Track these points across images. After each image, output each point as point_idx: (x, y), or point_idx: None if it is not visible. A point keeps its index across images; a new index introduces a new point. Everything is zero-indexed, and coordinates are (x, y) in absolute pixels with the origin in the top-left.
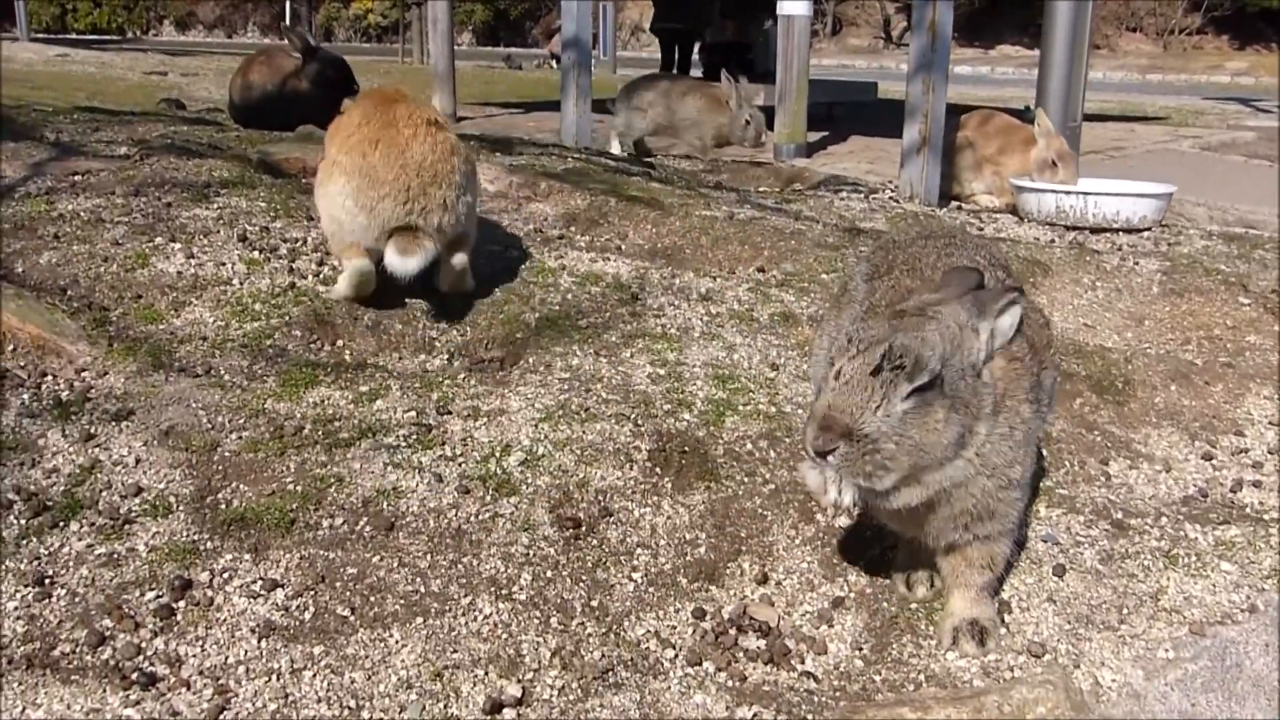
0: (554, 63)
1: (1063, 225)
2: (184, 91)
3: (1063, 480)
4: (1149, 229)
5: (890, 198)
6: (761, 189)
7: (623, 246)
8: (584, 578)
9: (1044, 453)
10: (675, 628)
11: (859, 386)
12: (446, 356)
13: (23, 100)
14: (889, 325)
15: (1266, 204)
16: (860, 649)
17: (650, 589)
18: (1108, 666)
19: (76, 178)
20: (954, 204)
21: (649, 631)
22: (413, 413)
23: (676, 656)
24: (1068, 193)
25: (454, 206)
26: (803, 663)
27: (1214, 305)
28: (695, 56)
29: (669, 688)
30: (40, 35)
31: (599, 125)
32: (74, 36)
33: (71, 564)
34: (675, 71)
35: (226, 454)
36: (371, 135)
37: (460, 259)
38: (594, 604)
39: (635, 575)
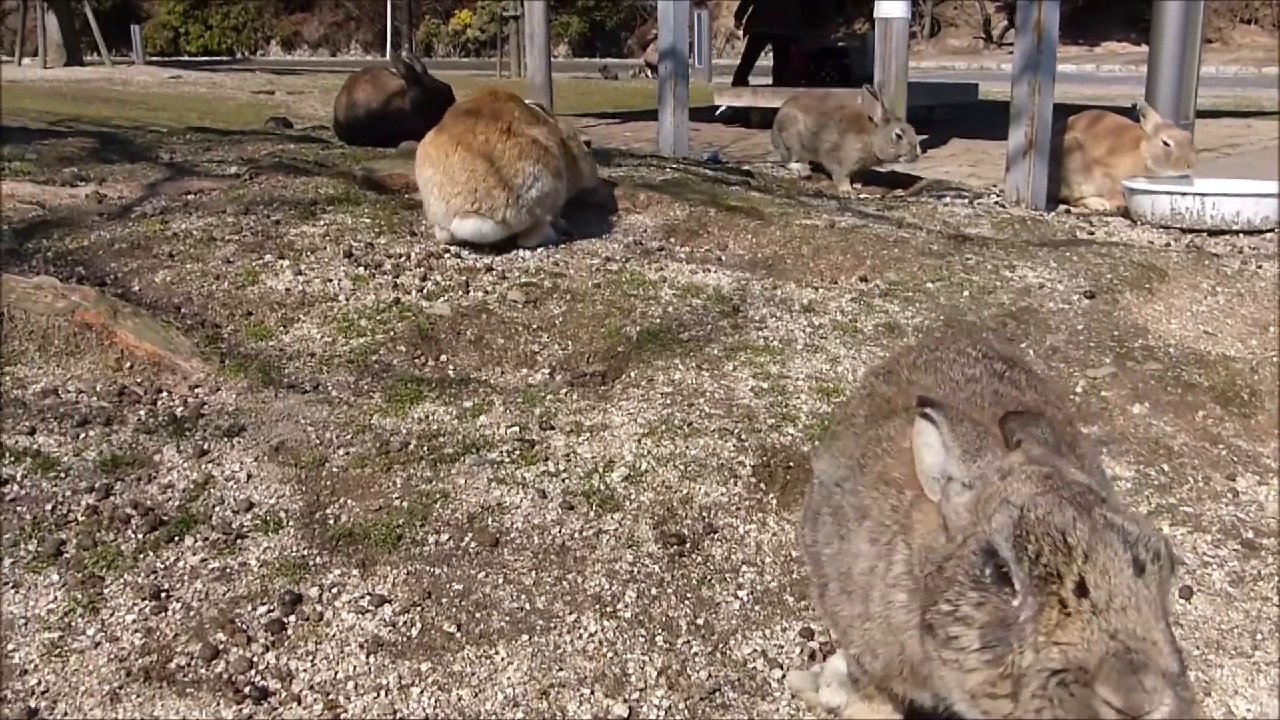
0: (650, 72)
1: (1178, 228)
2: (290, 109)
3: (1187, 497)
4: (1271, 230)
5: (996, 202)
6: (862, 195)
7: (723, 257)
8: (689, 595)
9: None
10: (783, 647)
11: (1138, 598)
12: (548, 371)
13: (140, 121)
14: (1073, 507)
15: None
16: None
17: (756, 607)
18: (1241, 695)
19: (189, 197)
20: (1063, 207)
21: (756, 650)
22: (516, 428)
23: (784, 677)
24: (1183, 194)
25: (516, 204)
26: None
27: None
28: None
29: (777, 709)
30: (155, 59)
31: (695, 134)
32: (186, 59)
33: (186, 578)
34: (773, 80)
35: (334, 470)
36: (455, 136)
37: (530, 242)
38: (699, 622)
39: (741, 593)
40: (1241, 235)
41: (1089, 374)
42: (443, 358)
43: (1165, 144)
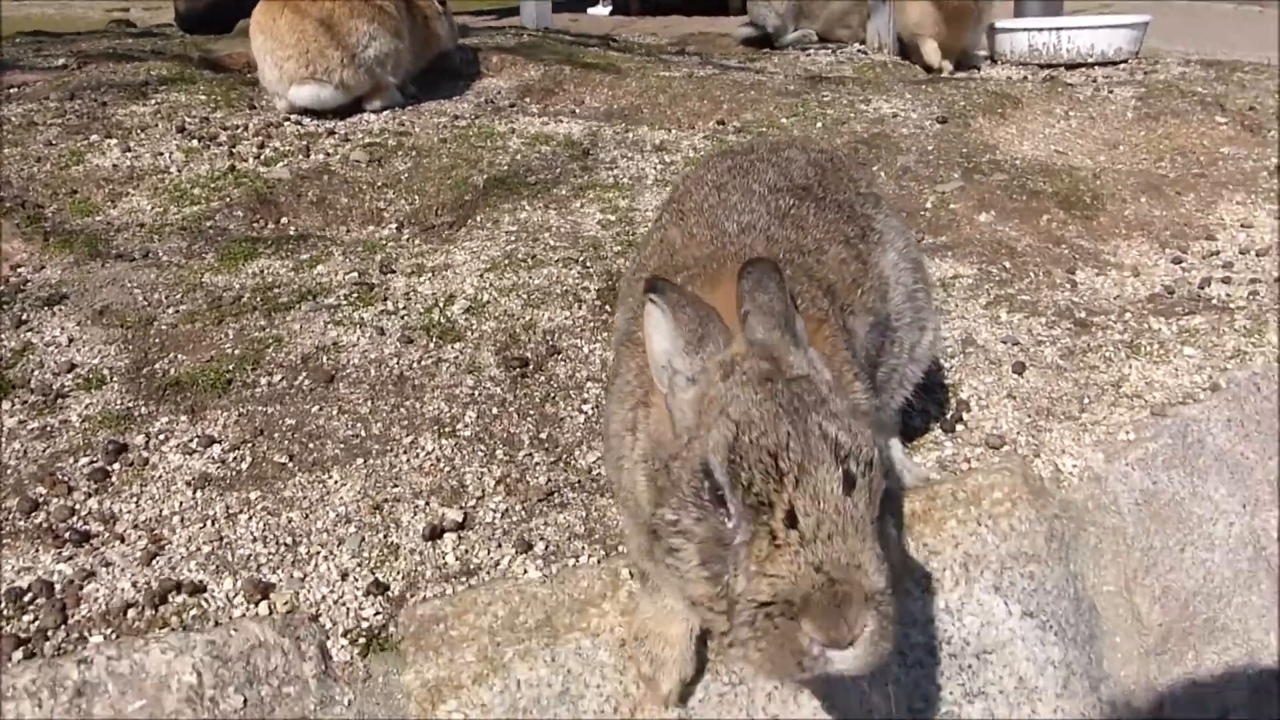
0: None
1: (1036, 64)
2: (145, 24)
3: (1025, 288)
4: (1125, 60)
5: (859, 50)
6: (724, 54)
7: (577, 110)
8: (532, 413)
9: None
10: None
11: (846, 520)
12: (395, 226)
13: None
14: (788, 419)
15: (1257, 50)
16: None
17: (602, 420)
18: (1068, 454)
19: (12, 90)
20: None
21: (600, 458)
22: (354, 274)
23: None
24: (1040, 30)
25: (352, 64)
26: None
27: (1190, 126)
28: None
29: (614, 503)
30: None
31: (573, 24)
32: None
33: (3, 440)
34: None
35: (163, 328)
36: (283, 1)
37: (374, 105)
38: (542, 436)
39: (585, 407)
40: (1096, 66)
41: (938, 189)
42: (283, 220)
43: None
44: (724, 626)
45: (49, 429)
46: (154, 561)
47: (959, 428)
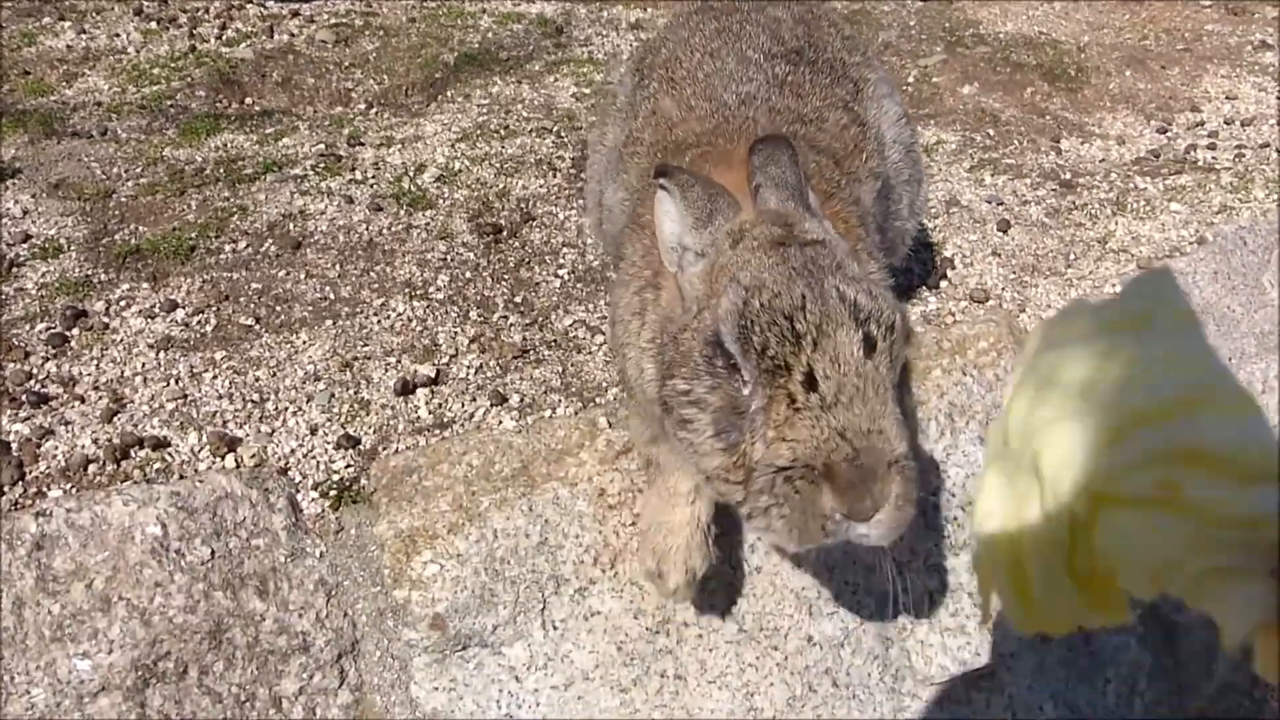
0: None
1: None
2: None
3: (1009, 154)
4: None
5: None
6: None
7: None
8: (506, 277)
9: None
10: (604, 316)
11: (867, 384)
12: (364, 105)
13: None
14: (803, 281)
15: None
16: None
17: (579, 285)
18: (1054, 308)
19: None
20: None
21: (577, 321)
22: (321, 146)
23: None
24: None
25: None
26: None
27: (1174, 9)
28: None
29: (592, 359)
30: None
31: None
32: None
33: None
34: None
35: (122, 199)
36: None
37: None
38: (517, 300)
39: (561, 272)
40: None
41: (920, 63)
42: (247, 100)
43: None
44: (740, 496)
45: (3, 297)
46: (115, 419)
47: (943, 284)
